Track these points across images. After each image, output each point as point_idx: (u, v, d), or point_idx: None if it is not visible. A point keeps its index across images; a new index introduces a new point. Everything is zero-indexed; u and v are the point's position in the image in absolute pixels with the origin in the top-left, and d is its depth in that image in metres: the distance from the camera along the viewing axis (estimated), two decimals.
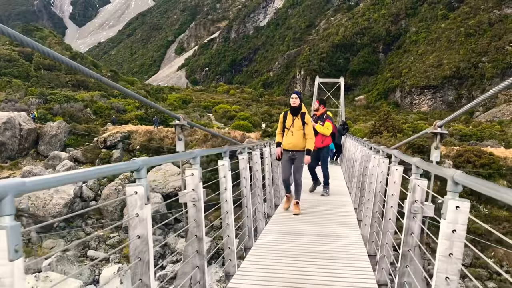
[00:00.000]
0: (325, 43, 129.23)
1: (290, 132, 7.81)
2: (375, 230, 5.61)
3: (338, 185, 11.99)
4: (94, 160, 26.77)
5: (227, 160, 4.87)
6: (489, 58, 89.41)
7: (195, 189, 3.68)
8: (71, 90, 40.81)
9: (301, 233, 6.58)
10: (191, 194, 3.69)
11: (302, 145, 7.81)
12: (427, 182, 3.53)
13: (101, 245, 21.04)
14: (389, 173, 4.88)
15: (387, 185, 4.89)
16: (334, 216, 7.98)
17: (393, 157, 4.73)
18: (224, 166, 4.80)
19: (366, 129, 35.38)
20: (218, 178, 4.85)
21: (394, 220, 4.68)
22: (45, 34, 61.97)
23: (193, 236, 3.79)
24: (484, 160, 22.02)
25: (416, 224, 3.52)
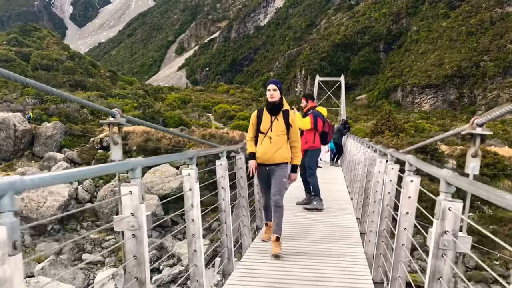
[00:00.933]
0: (325, 43, 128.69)
1: (268, 138, 5.55)
2: (382, 253, 4.70)
3: (338, 189, 11.23)
4: (90, 161, 26.25)
5: (194, 168, 4.02)
6: (491, 57, 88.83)
7: (134, 213, 2.54)
8: (68, 90, 40.30)
9: (292, 253, 5.52)
10: (129, 220, 2.54)
11: (285, 155, 5.63)
12: (461, 206, 2.47)
13: (96, 248, 20.56)
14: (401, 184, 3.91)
15: (397, 198, 4.09)
16: (333, 228, 6.97)
17: (407, 164, 3.73)
18: (190, 177, 3.77)
19: (367, 128, 34.89)
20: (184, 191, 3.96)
21: (408, 247, 3.74)
22: (43, 34, 61.48)
23: (132, 279, 2.69)
24: (488, 160, 21.49)
25: (447, 265, 2.50)
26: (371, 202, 5.83)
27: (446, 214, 2.40)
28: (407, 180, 3.67)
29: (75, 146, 27.79)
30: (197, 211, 3.66)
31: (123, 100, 39.56)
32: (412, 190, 3.67)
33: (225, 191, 5.04)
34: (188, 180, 3.65)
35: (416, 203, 3.67)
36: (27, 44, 52.75)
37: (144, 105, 37.87)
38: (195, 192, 3.65)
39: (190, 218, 3.60)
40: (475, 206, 20.02)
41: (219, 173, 4.98)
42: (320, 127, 8.45)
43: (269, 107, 5.63)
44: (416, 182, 3.65)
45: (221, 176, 4.90)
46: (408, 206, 3.68)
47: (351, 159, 12.29)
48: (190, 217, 3.61)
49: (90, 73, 51.69)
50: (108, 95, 41.98)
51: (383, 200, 4.61)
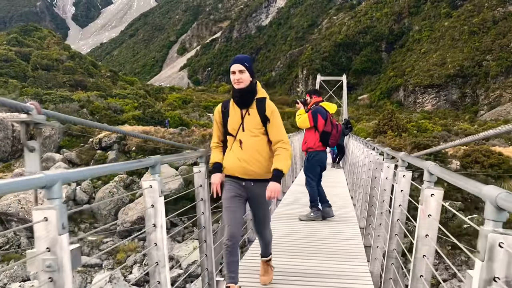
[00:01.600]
0: (327, 42, 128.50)
1: (238, 141, 3.78)
2: (393, 277, 3.87)
3: (339, 193, 10.34)
4: (89, 162, 25.97)
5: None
6: (494, 56, 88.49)
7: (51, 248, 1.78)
8: (68, 90, 40.10)
9: (286, 273, 4.74)
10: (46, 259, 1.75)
11: (266, 165, 3.79)
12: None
13: (94, 251, 20.26)
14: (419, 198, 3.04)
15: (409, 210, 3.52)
16: (333, 241, 6.10)
17: (427, 174, 2.85)
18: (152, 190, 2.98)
19: (369, 128, 34.50)
20: None
21: (428, 279, 2.93)
22: (44, 34, 61.25)
23: None
24: (493, 160, 21.11)
25: None
26: (377, 213, 5.06)
27: (495, 253, 1.62)
28: (427, 194, 2.80)
29: (74, 146, 27.50)
30: (161, 233, 2.93)
31: (123, 100, 39.26)
32: (433, 207, 2.83)
33: (204, 203, 4.14)
34: (149, 194, 2.88)
35: (437, 223, 2.85)
36: (27, 44, 52.54)
37: (144, 105, 37.57)
38: (158, 209, 2.89)
39: (152, 242, 2.89)
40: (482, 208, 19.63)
41: (197, 182, 4.10)
42: (320, 125, 7.17)
43: (236, 96, 3.74)
44: (438, 196, 2.82)
45: (199, 186, 4.04)
46: (428, 227, 2.85)
47: (353, 161, 11.48)
48: (153, 241, 2.89)
49: (91, 73, 51.45)
50: (108, 95, 41.69)
51: (392, 214, 3.82)
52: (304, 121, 7.22)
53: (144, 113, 33.78)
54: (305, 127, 7.34)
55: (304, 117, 7.21)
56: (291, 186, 11.30)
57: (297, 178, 12.77)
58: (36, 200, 2.15)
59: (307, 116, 7.18)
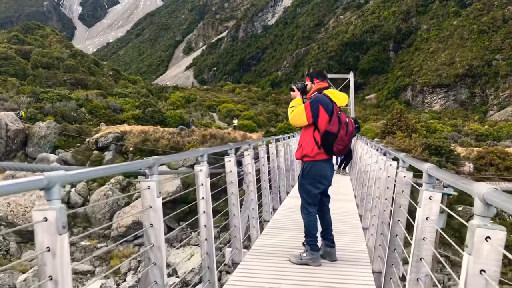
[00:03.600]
0: (334, 42, 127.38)
1: None
2: None
3: (345, 211, 8.36)
4: (84, 163, 25.00)
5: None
6: (503, 55, 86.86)
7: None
8: (68, 89, 39.21)
9: None
10: None
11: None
12: None
13: (87, 256, 19.27)
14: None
15: None
16: None
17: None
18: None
19: (377, 128, 33.33)
20: None
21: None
22: (47, 32, 60.52)
23: None
24: (509, 163, 19.92)
25: None
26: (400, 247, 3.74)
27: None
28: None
29: (70, 146, 26.55)
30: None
31: (124, 99, 38.34)
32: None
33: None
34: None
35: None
36: (28, 42, 51.77)
37: (146, 104, 36.59)
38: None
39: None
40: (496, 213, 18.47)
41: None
42: (322, 122, 4.86)
43: None
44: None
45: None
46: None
47: (362, 169, 9.35)
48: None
49: (92, 71, 50.60)
50: (109, 94, 40.76)
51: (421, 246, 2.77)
52: (299, 116, 4.93)
53: (144, 112, 32.78)
54: (300, 124, 5.02)
55: (300, 109, 4.93)
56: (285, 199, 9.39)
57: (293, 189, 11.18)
58: None
59: (303, 108, 4.90)
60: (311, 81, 5.27)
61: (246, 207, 6.01)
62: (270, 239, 6.05)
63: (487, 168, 20.22)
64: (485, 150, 21.41)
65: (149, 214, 2.83)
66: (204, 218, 4.52)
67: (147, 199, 2.84)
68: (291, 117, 5.10)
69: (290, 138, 12.30)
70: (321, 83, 5.21)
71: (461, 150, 22.13)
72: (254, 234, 6.18)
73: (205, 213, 4.50)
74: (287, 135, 12.86)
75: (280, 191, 9.24)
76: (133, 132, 25.98)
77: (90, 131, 27.41)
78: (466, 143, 33.52)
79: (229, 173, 5.10)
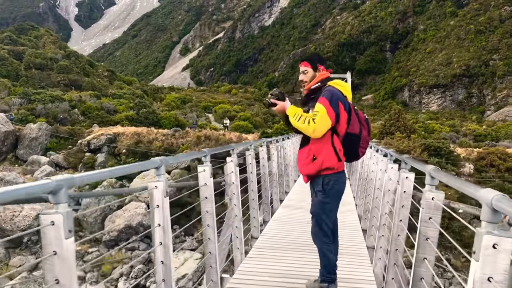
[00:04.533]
0: (331, 42, 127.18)
1: None
2: None
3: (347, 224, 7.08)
4: (76, 165, 24.50)
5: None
6: (501, 55, 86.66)
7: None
8: (62, 90, 38.60)
9: None
10: None
11: None
12: None
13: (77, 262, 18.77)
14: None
15: None
16: None
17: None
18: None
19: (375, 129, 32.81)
20: None
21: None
22: (41, 33, 59.82)
23: None
24: (509, 164, 19.47)
25: None
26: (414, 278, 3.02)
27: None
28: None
29: (62, 148, 26.01)
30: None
31: (118, 100, 37.78)
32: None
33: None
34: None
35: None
36: (21, 43, 51.12)
37: (140, 105, 36.03)
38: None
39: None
40: None
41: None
42: (343, 122, 3.81)
43: None
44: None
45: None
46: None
47: (365, 175, 8.29)
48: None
49: (87, 72, 49.98)
50: (104, 95, 40.20)
51: None
52: (325, 122, 3.66)
53: (138, 113, 32.22)
54: (324, 131, 3.73)
55: (322, 113, 3.64)
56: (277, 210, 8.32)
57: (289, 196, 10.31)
58: None
59: (325, 111, 3.63)
60: (314, 67, 4.09)
61: (228, 225, 5.12)
62: (258, 263, 5.04)
63: (487, 169, 19.79)
64: (485, 150, 20.97)
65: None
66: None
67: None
68: (314, 129, 3.63)
69: (284, 140, 11.16)
70: (325, 71, 4.12)
71: (461, 151, 21.68)
72: (238, 257, 5.22)
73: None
74: (282, 137, 11.96)
75: (273, 200, 8.19)
76: (126, 134, 25.45)
77: (83, 133, 26.88)
78: (465, 143, 33.12)
79: (203, 187, 4.12)
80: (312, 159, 3.85)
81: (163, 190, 2.90)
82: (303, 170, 3.95)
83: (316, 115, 3.64)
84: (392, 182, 4.09)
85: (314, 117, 3.64)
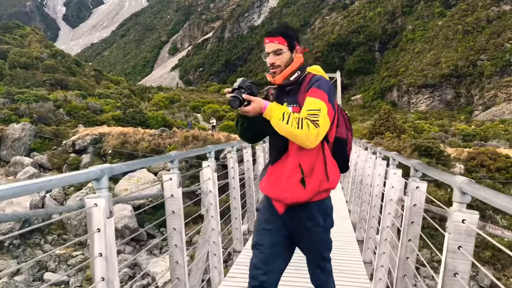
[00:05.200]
0: (320, 42, 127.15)
1: None
2: None
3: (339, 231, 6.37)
4: (61, 166, 23.94)
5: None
6: (488, 56, 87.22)
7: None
8: (47, 90, 37.88)
9: None
10: None
11: None
12: None
13: (62, 266, 18.21)
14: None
15: None
16: None
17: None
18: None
19: (364, 129, 32.68)
20: None
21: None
22: (26, 32, 58.87)
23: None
24: (500, 164, 19.34)
25: None
26: None
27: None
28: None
29: (46, 149, 25.42)
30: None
31: (105, 100, 37.18)
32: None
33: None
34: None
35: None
36: (6, 41, 50.22)
37: (127, 105, 35.47)
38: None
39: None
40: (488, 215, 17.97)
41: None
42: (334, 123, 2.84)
43: None
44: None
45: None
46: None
47: (359, 179, 7.41)
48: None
49: (73, 71, 49.20)
50: (90, 95, 39.56)
51: None
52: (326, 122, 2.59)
53: (125, 113, 31.66)
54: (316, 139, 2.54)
55: (324, 112, 2.56)
56: None
57: None
58: None
59: (325, 107, 2.58)
60: (291, 46, 2.87)
61: (204, 241, 4.43)
62: (239, 283, 4.38)
63: (478, 169, 19.64)
64: (475, 150, 20.83)
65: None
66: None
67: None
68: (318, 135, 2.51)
69: None
70: (300, 50, 2.96)
71: (451, 151, 21.52)
72: (216, 278, 4.51)
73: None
74: None
75: None
76: (112, 134, 24.92)
77: (68, 133, 26.30)
78: (454, 143, 33.12)
79: (170, 199, 3.49)
80: (301, 179, 2.62)
81: (106, 209, 2.24)
82: (288, 195, 2.63)
83: (317, 115, 2.50)
84: (395, 191, 3.48)
85: (315, 118, 2.49)
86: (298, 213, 2.68)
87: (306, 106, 2.57)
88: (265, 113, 2.55)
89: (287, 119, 2.48)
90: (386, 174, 3.89)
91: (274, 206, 2.75)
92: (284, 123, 2.48)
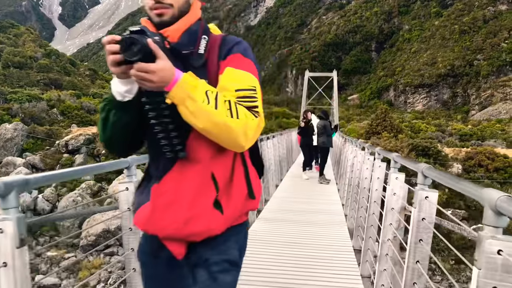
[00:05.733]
0: (317, 42, 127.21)
1: None
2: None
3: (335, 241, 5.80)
4: (54, 167, 23.56)
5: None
6: (484, 55, 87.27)
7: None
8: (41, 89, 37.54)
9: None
10: None
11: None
12: None
13: (53, 268, 17.91)
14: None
15: None
16: None
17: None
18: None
19: (361, 129, 32.46)
20: None
21: None
22: (21, 31, 58.43)
23: None
24: (498, 164, 19.14)
25: None
26: None
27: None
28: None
29: (39, 149, 25.06)
30: None
31: (99, 99, 36.82)
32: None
33: None
34: None
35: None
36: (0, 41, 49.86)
37: None
38: None
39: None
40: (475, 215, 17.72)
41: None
42: None
43: None
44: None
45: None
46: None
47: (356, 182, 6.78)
48: None
49: (68, 71, 48.83)
50: (85, 94, 39.21)
51: None
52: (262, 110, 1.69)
53: None
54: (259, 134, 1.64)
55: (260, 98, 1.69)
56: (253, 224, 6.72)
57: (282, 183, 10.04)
58: None
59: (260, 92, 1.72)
60: None
61: None
62: None
63: (476, 169, 19.43)
64: (473, 150, 20.63)
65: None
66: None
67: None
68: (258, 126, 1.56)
69: (263, 141, 9.45)
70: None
71: (448, 150, 21.32)
72: None
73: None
74: (267, 136, 10.77)
75: None
76: None
77: (61, 133, 25.95)
78: (451, 143, 32.94)
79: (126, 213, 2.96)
80: (215, 199, 1.62)
81: (15, 236, 1.64)
82: (197, 227, 1.60)
83: (254, 98, 1.61)
84: (397, 198, 3.09)
85: (251, 103, 1.58)
86: (205, 253, 1.66)
87: (230, 83, 1.58)
88: (175, 89, 1.41)
89: (214, 102, 1.43)
90: (386, 177, 3.59)
91: (166, 251, 1.67)
92: (211, 108, 1.41)
